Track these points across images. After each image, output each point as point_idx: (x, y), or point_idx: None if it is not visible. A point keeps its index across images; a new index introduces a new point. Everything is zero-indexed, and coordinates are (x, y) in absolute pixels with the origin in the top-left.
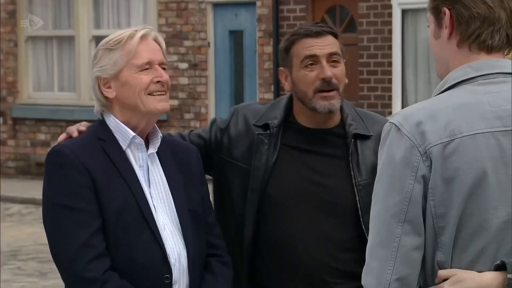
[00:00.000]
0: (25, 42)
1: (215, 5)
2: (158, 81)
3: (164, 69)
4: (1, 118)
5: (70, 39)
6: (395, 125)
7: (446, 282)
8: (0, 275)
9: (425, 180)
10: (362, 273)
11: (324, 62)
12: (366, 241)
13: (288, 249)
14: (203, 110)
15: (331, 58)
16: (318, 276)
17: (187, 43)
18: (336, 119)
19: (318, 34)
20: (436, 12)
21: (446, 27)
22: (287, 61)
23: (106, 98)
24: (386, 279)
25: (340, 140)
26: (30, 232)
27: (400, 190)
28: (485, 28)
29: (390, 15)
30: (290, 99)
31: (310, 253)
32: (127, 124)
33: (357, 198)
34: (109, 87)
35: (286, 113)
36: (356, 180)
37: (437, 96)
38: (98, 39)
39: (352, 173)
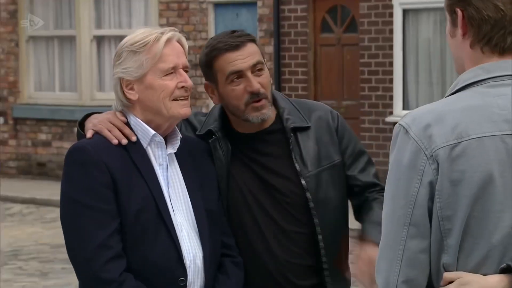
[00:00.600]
0: (26, 42)
1: (216, 5)
2: (183, 86)
3: (186, 71)
4: (2, 118)
5: (71, 39)
6: (403, 127)
7: (451, 284)
8: (1, 275)
9: (432, 184)
10: (375, 271)
11: (249, 74)
12: (318, 233)
13: (248, 252)
14: (204, 110)
15: (255, 68)
16: (280, 274)
17: (188, 43)
18: (272, 117)
19: (237, 47)
20: (451, 11)
21: (460, 27)
22: (211, 76)
23: (128, 99)
24: (393, 281)
25: (280, 136)
26: (31, 232)
27: (405, 194)
28: (496, 31)
29: (391, 15)
30: (223, 108)
31: (270, 252)
32: (148, 124)
33: (306, 191)
34: (132, 89)
35: (223, 122)
36: (302, 173)
37: (447, 97)
38: (99, 39)
39: (296, 167)
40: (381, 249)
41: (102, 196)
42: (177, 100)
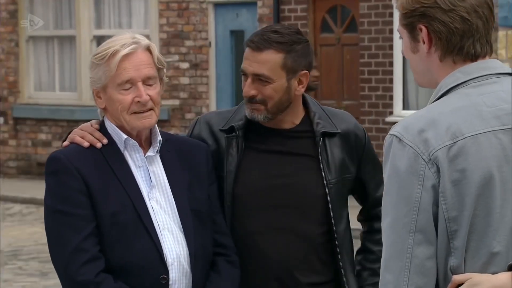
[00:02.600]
0: (26, 42)
1: (216, 5)
2: (138, 101)
3: (150, 85)
4: (2, 118)
5: (71, 39)
6: (396, 136)
7: (461, 287)
8: (1, 275)
9: (435, 187)
10: (379, 286)
11: (248, 80)
12: (334, 234)
13: (253, 247)
14: (204, 110)
15: (257, 78)
16: (285, 271)
17: (188, 43)
18: (297, 116)
19: (254, 49)
20: (411, 28)
21: (424, 43)
22: None
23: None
24: None
25: (307, 136)
26: (31, 232)
27: (408, 200)
28: (466, 40)
29: (391, 14)
30: None
31: (274, 248)
32: (121, 129)
33: (328, 195)
34: (100, 97)
35: (248, 121)
36: (327, 178)
37: (433, 103)
38: (99, 39)
39: (322, 171)
40: (386, 261)
41: (75, 201)
42: (136, 113)
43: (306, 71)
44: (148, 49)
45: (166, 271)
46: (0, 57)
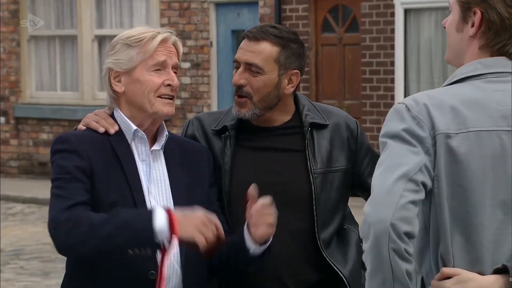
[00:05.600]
0: (28, 41)
1: (218, 5)
2: (169, 85)
3: (175, 73)
4: (4, 118)
5: (73, 39)
6: (406, 106)
7: (449, 280)
8: (3, 275)
9: (431, 158)
10: (360, 224)
11: (240, 68)
12: (315, 230)
13: None
14: (205, 109)
15: (250, 68)
16: (281, 268)
17: (190, 42)
18: (287, 114)
19: (250, 38)
20: (465, 8)
21: (472, 26)
22: None
23: (114, 91)
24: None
25: (297, 131)
26: (33, 232)
27: (407, 156)
28: None
29: (392, 14)
30: None
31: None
32: (131, 120)
33: (312, 187)
34: (119, 81)
35: (240, 121)
36: (312, 169)
37: (446, 86)
38: (100, 38)
39: (308, 162)
40: (374, 197)
41: (76, 176)
42: (161, 97)
43: (297, 71)
44: (175, 44)
45: (155, 267)
46: (1, 56)
